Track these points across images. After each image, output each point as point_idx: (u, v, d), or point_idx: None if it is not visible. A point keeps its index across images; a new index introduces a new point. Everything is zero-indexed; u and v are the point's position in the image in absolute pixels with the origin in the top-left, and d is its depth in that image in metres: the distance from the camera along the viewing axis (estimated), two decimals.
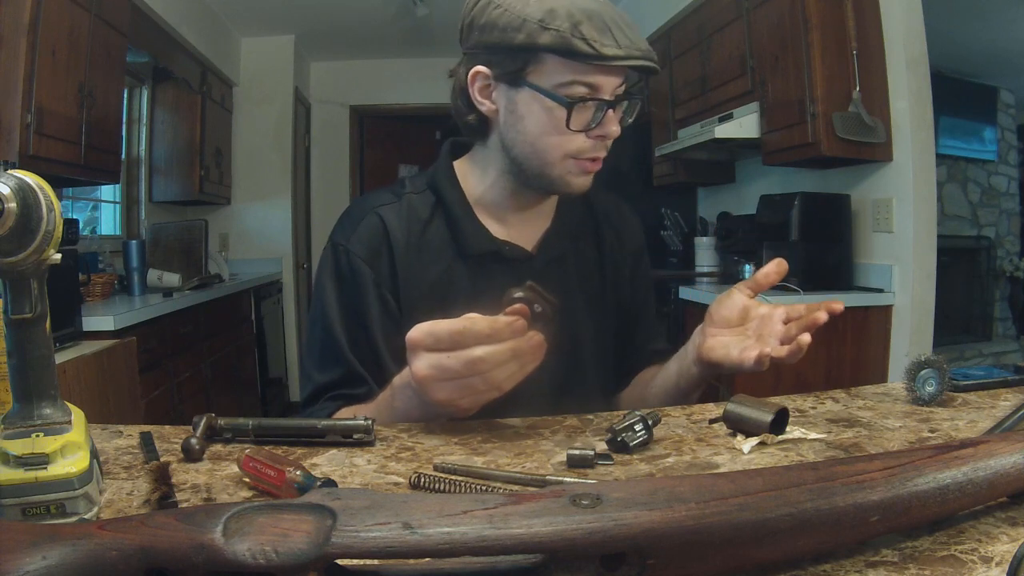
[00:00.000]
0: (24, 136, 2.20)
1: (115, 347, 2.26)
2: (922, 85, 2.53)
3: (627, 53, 0.83)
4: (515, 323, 0.67)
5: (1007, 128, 5.18)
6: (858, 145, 2.52)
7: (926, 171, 2.55)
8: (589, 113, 0.87)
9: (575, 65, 0.84)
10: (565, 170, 0.90)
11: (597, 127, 0.87)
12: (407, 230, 0.95)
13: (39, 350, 0.50)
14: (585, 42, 0.81)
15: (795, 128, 2.61)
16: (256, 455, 0.58)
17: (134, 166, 3.95)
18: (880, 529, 0.43)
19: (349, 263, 0.94)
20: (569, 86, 0.85)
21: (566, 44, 0.82)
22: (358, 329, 0.93)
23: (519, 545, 0.36)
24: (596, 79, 0.85)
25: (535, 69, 0.86)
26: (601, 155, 0.91)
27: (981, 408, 0.81)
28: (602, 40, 0.82)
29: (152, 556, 0.35)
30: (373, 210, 0.96)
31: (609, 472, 0.63)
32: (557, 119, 0.86)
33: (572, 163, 0.90)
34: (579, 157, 0.89)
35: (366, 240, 0.94)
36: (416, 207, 0.97)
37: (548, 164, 0.90)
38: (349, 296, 0.93)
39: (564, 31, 0.82)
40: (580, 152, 0.89)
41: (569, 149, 0.88)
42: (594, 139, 0.88)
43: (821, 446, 0.68)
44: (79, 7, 2.49)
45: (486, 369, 0.67)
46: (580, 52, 0.82)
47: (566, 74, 0.84)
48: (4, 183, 0.44)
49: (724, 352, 0.82)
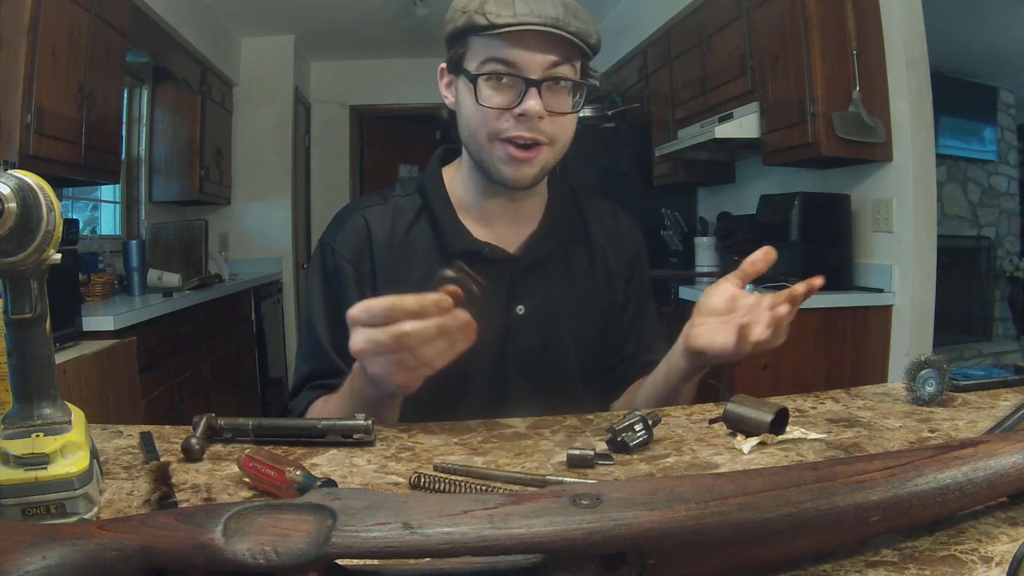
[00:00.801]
0: (24, 136, 2.20)
1: (115, 347, 2.26)
2: (922, 85, 2.53)
3: (520, 20, 0.84)
4: (441, 301, 0.69)
5: (1007, 128, 5.17)
6: (858, 145, 2.52)
7: (926, 171, 2.55)
8: (509, 92, 0.87)
9: (486, 42, 0.87)
10: (495, 156, 0.90)
11: (517, 106, 0.87)
12: (391, 231, 0.98)
13: (39, 350, 0.50)
14: (483, 15, 0.85)
15: (795, 128, 2.61)
16: (256, 455, 0.58)
17: (134, 166, 3.95)
18: (880, 529, 0.43)
19: (334, 262, 0.98)
20: (485, 64, 0.87)
21: (471, 22, 0.87)
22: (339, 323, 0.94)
23: (519, 545, 0.36)
24: (509, 54, 0.86)
25: (465, 53, 0.90)
26: (528, 136, 0.88)
27: (981, 408, 0.81)
28: (499, 12, 0.85)
29: (152, 556, 0.35)
30: (359, 212, 1.00)
31: (609, 472, 0.63)
32: (474, 98, 0.88)
33: (500, 147, 0.90)
34: (502, 137, 0.89)
35: (351, 240, 0.98)
36: (402, 209, 1.00)
37: (480, 148, 0.91)
38: (332, 293, 0.97)
39: (471, 10, 0.86)
40: (501, 132, 0.88)
41: (491, 128, 0.89)
42: (516, 119, 0.87)
43: (821, 446, 0.68)
44: (79, 7, 2.49)
45: (414, 344, 0.69)
46: (477, 25, 0.86)
47: (482, 53, 0.88)
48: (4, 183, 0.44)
49: (708, 339, 0.82)
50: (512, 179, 0.91)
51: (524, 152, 0.89)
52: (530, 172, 0.91)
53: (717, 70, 3.18)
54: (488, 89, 0.87)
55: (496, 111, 0.87)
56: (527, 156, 0.90)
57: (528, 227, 1.01)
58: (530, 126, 0.88)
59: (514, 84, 0.87)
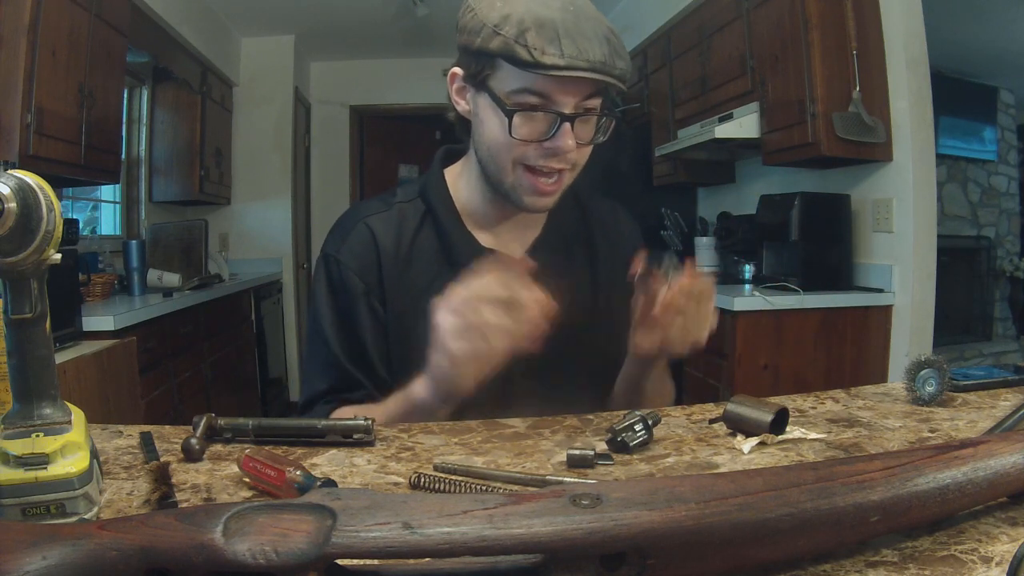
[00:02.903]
0: (24, 136, 2.20)
1: (115, 347, 2.26)
2: (922, 85, 2.53)
3: (569, 63, 0.80)
4: None
5: (1007, 128, 5.17)
6: (858, 145, 2.52)
7: (926, 171, 2.55)
8: (542, 124, 0.85)
9: (523, 74, 0.82)
10: (517, 182, 0.89)
11: (548, 139, 0.85)
12: (396, 239, 0.96)
13: (39, 350, 0.50)
14: (527, 49, 0.80)
15: (795, 128, 2.61)
16: (256, 455, 0.58)
17: (134, 166, 3.95)
18: (880, 529, 0.43)
19: (340, 274, 0.96)
20: (519, 94, 0.84)
21: (509, 50, 0.81)
22: (351, 337, 0.95)
23: (519, 545, 0.36)
24: (546, 88, 0.83)
25: (492, 74, 0.86)
26: (555, 167, 0.88)
27: (981, 408, 0.81)
28: (545, 48, 0.80)
29: (152, 556, 0.35)
30: (362, 220, 0.98)
31: (609, 472, 0.63)
32: (505, 126, 0.85)
33: (523, 175, 0.88)
34: (527, 164, 0.88)
35: (356, 251, 0.96)
36: (406, 216, 0.98)
37: (501, 171, 0.90)
38: (341, 305, 0.96)
39: (509, 37, 0.81)
40: (526, 159, 0.87)
41: (517, 155, 0.87)
42: (545, 150, 0.86)
43: (821, 446, 0.68)
44: (79, 7, 2.49)
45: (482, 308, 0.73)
46: (520, 59, 0.81)
47: (516, 82, 0.84)
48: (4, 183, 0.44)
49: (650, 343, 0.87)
50: (532, 207, 0.92)
51: (550, 184, 0.89)
52: (551, 201, 0.92)
53: (717, 70, 3.18)
54: (520, 120, 0.85)
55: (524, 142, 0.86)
56: (552, 189, 0.90)
57: (533, 232, 1.00)
58: (560, 158, 0.87)
59: (547, 117, 0.85)
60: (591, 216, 1.06)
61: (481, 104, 0.89)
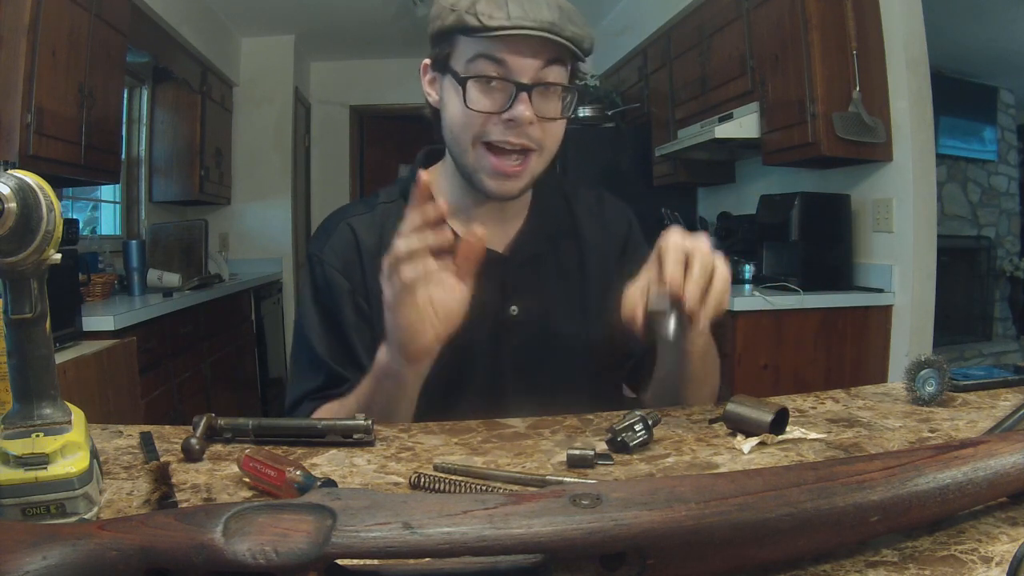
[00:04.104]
0: (24, 136, 2.20)
1: (115, 347, 2.26)
2: (922, 85, 2.53)
3: (515, 23, 0.81)
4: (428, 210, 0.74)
5: (1007, 128, 5.17)
6: (858, 145, 2.52)
7: (926, 171, 2.55)
8: (499, 96, 0.85)
9: (476, 42, 0.84)
10: (478, 163, 0.88)
11: (506, 110, 0.84)
12: (379, 239, 0.96)
13: (39, 350, 0.50)
14: (475, 16, 0.83)
15: (795, 128, 2.61)
16: (256, 455, 0.58)
17: (134, 166, 3.95)
18: (880, 529, 0.43)
19: (324, 273, 0.96)
20: (473, 62, 0.85)
21: (461, 22, 0.84)
22: (336, 335, 0.95)
23: (519, 545, 0.36)
24: (500, 56, 0.84)
25: (452, 52, 0.88)
26: (517, 142, 0.86)
27: (981, 408, 0.81)
28: (493, 13, 0.82)
29: (152, 556, 0.35)
30: (344, 221, 0.98)
31: (609, 472, 0.63)
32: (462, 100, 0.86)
33: (484, 155, 0.87)
34: (487, 142, 0.86)
35: (339, 251, 0.96)
36: (389, 216, 0.98)
37: (463, 152, 0.89)
38: (325, 304, 0.96)
39: (461, 10, 0.84)
40: (486, 135, 0.86)
41: (476, 131, 0.86)
42: (505, 123, 0.85)
43: (821, 446, 0.68)
44: (79, 7, 2.49)
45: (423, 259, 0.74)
46: (469, 27, 0.83)
47: (469, 51, 0.85)
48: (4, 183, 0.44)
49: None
50: (496, 192, 0.89)
51: (513, 164, 0.87)
52: (517, 186, 0.90)
53: (717, 70, 3.18)
54: (476, 92, 0.85)
55: (483, 115, 0.85)
56: (515, 170, 0.88)
57: (514, 225, 0.99)
58: (519, 132, 0.85)
59: (503, 88, 0.84)
60: (577, 207, 1.05)
61: (445, 87, 0.90)
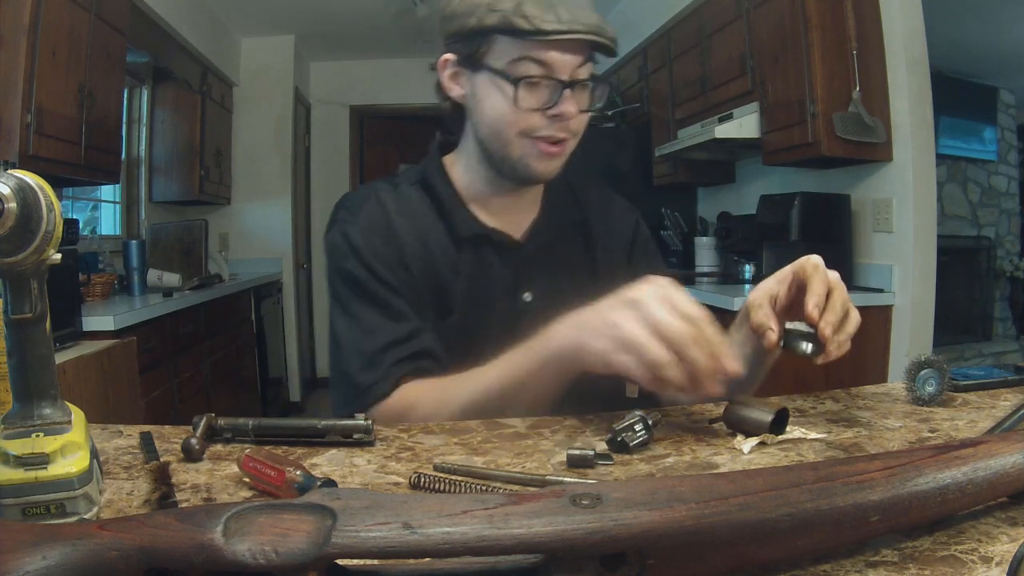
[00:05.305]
0: (24, 136, 2.20)
1: (115, 347, 2.26)
2: (922, 85, 2.53)
3: (568, 28, 0.85)
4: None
5: (1007, 128, 5.17)
6: (858, 145, 2.52)
7: (926, 171, 2.55)
8: (544, 93, 0.88)
9: (522, 43, 0.87)
10: (524, 152, 0.92)
11: (553, 107, 0.88)
12: (404, 214, 0.98)
13: (39, 350, 0.50)
14: (525, 19, 0.85)
15: (795, 128, 2.61)
16: (256, 455, 0.58)
17: (134, 166, 3.95)
18: (880, 529, 0.43)
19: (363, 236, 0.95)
20: (519, 63, 0.87)
21: (508, 22, 0.86)
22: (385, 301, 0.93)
23: (519, 545, 0.36)
24: (546, 56, 0.87)
25: (489, 51, 0.89)
26: (560, 136, 0.91)
27: (981, 408, 0.81)
28: (543, 16, 0.85)
29: (152, 556, 0.35)
30: (373, 195, 0.99)
31: (609, 472, 0.63)
32: (509, 98, 0.89)
33: (530, 144, 0.91)
34: (534, 136, 0.90)
35: (371, 217, 0.96)
36: (410, 197, 1.00)
37: (506, 144, 0.92)
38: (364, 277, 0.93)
39: (507, 11, 0.86)
40: (533, 130, 0.90)
41: (523, 127, 0.90)
42: (550, 119, 0.89)
43: (821, 446, 0.68)
44: (79, 7, 2.49)
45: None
46: (520, 29, 0.85)
47: (514, 52, 0.87)
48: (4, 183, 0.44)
49: None
50: (542, 173, 0.94)
51: (555, 147, 0.92)
52: (557, 165, 0.94)
53: (717, 70, 3.18)
54: (524, 90, 0.88)
55: (530, 111, 0.89)
56: (558, 151, 0.92)
57: (529, 215, 1.02)
58: (563, 126, 0.90)
59: (549, 85, 0.88)
60: (585, 202, 1.08)
61: (479, 83, 0.92)
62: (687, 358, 0.68)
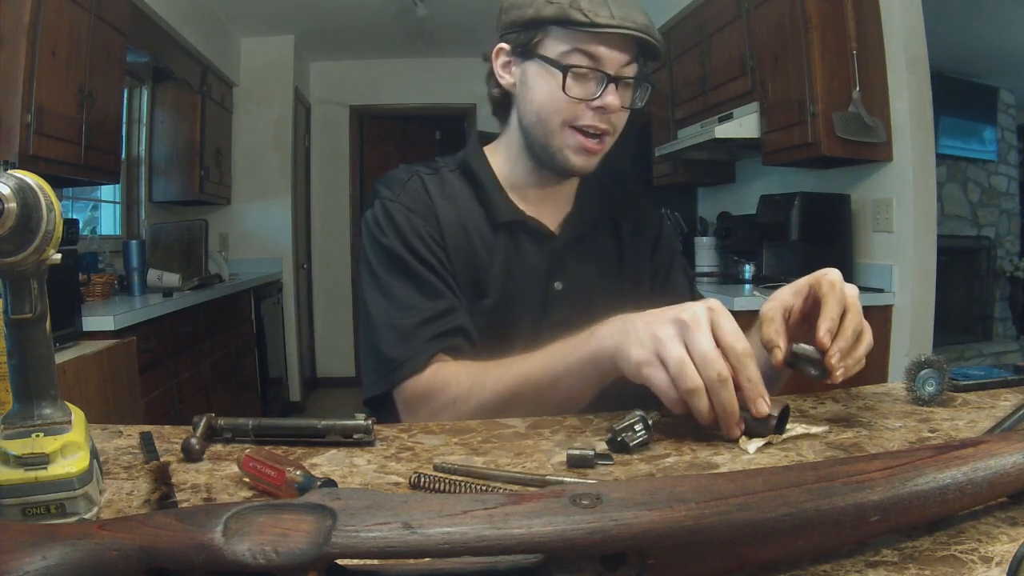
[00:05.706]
0: (24, 136, 2.20)
1: (115, 347, 2.26)
2: (922, 85, 2.53)
3: (620, 23, 0.89)
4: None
5: (1007, 128, 5.17)
6: (858, 145, 2.52)
7: (926, 171, 2.55)
8: (591, 84, 0.92)
9: (574, 35, 0.91)
10: (564, 142, 0.95)
11: (597, 98, 0.92)
12: (444, 197, 1.01)
13: (39, 350, 0.50)
14: (581, 12, 0.89)
15: (795, 128, 2.61)
16: (256, 455, 0.58)
17: (134, 166, 3.95)
18: (880, 529, 0.43)
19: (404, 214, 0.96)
20: (570, 54, 0.92)
21: (564, 14, 0.90)
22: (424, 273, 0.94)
23: (519, 545, 0.36)
24: (595, 49, 0.91)
25: (542, 41, 0.94)
26: (601, 127, 0.94)
27: (981, 408, 0.81)
28: (597, 11, 0.89)
29: (152, 556, 0.35)
30: (415, 175, 1.02)
31: (609, 472, 0.63)
32: (557, 85, 0.92)
33: (571, 135, 0.94)
34: (576, 125, 0.94)
35: (413, 196, 0.99)
36: (451, 182, 1.03)
37: (550, 133, 0.95)
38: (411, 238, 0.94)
39: (564, 3, 0.90)
40: (577, 119, 0.93)
41: (567, 116, 0.94)
42: (594, 110, 0.93)
43: (821, 446, 0.68)
44: (79, 7, 2.49)
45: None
46: (575, 21, 0.90)
47: (567, 43, 0.92)
48: (4, 183, 0.44)
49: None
50: (580, 167, 0.97)
51: (595, 143, 0.95)
52: (594, 162, 0.98)
53: (717, 70, 3.19)
54: (571, 80, 0.92)
55: (576, 101, 0.92)
56: (598, 148, 0.96)
57: (564, 208, 1.06)
58: (605, 118, 0.94)
59: (595, 77, 0.92)
60: (615, 202, 1.12)
61: (530, 71, 0.96)
62: (716, 396, 0.67)
